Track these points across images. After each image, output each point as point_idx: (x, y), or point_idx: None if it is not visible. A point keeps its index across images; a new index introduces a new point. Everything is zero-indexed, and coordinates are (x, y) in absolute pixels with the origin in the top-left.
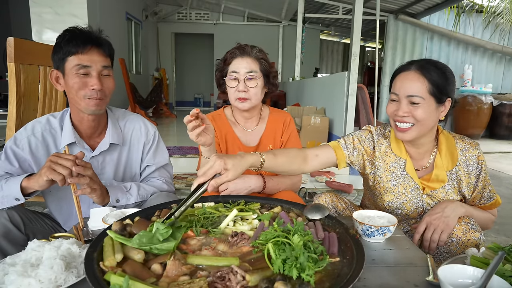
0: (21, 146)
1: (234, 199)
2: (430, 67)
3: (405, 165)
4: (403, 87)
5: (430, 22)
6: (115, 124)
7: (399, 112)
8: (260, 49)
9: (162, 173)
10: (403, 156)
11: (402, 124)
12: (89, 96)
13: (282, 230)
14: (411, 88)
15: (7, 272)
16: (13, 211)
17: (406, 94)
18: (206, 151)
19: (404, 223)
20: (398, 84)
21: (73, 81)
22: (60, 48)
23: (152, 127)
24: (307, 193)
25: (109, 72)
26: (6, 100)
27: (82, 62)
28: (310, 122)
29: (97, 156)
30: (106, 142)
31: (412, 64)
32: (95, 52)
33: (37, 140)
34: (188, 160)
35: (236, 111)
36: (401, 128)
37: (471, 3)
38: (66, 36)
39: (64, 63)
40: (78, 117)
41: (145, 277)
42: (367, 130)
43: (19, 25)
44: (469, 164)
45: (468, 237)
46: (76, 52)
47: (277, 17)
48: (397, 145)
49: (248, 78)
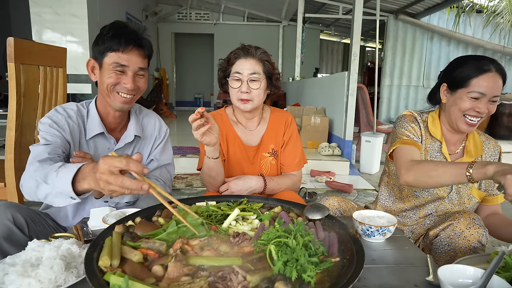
0: (61, 126)
1: (236, 198)
2: (502, 69)
3: (441, 147)
4: (491, 88)
5: (430, 22)
6: (136, 117)
7: (482, 109)
8: (264, 51)
9: (163, 173)
10: (439, 138)
11: (476, 119)
12: (119, 91)
13: (283, 230)
14: (497, 89)
15: (7, 272)
16: (17, 212)
17: (494, 95)
18: (211, 151)
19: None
20: (486, 85)
21: (109, 75)
22: (103, 42)
23: (164, 125)
24: (307, 193)
25: (144, 73)
26: (6, 100)
27: (120, 61)
28: (310, 122)
29: (120, 148)
30: (131, 135)
31: (492, 64)
32: (135, 53)
33: (74, 124)
34: (188, 160)
35: (237, 111)
36: (472, 123)
37: (471, 3)
38: (111, 31)
39: (103, 57)
40: (105, 110)
41: (145, 277)
42: (409, 115)
43: (19, 25)
44: (492, 154)
45: (471, 232)
46: (117, 49)
47: (277, 17)
48: (435, 128)
49: (251, 80)
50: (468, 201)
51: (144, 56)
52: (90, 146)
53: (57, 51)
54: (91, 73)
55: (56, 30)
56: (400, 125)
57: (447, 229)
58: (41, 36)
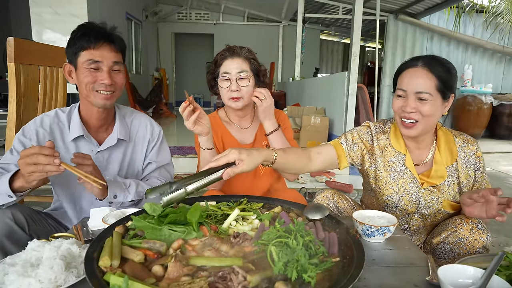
0: (29, 136)
1: (235, 198)
2: (437, 63)
3: (405, 160)
4: (411, 83)
5: (430, 22)
6: (122, 121)
7: (407, 108)
8: (248, 49)
9: (162, 173)
10: (402, 151)
11: (408, 120)
12: (98, 89)
13: (283, 230)
14: (419, 84)
15: (7, 272)
16: (17, 211)
17: (415, 91)
18: (204, 141)
19: (403, 220)
20: (406, 80)
21: (84, 75)
22: (74, 43)
23: (157, 126)
24: (307, 193)
25: (120, 68)
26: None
27: (93, 57)
28: (310, 122)
29: (103, 151)
30: (114, 137)
31: (419, 60)
32: (107, 48)
33: (45, 132)
34: (188, 160)
35: (230, 111)
36: (407, 124)
37: (471, 3)
38: (80, 32)
39: (77, 58)
40: (87, 110)
41: (145, 277)
42: (366, 126)
43: (19, 25)
44: (468, 160)
45: (475, 237)
46: (88, 47)
47: (277, 17)
48: (397, 140)
49: (239, 78)
50: (439, 215)
51: (116, 50)
52: (71, 149)
53: (57, 51)
54: (68, 77)
55: (56, 30)
56: (348, 130)
57: (450, 236)
58: (41, 36)
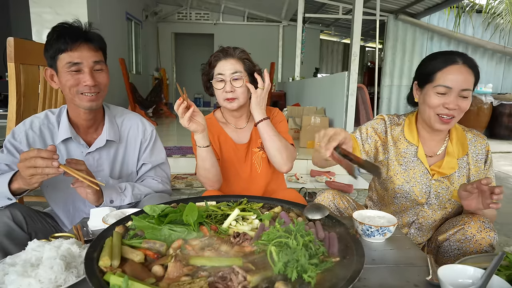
0: (19, 139)
1: (235, 198)
2: (471, 61)
3: (417, 151)
4: (457, 80)
5: (430, 22)
6: (112, 121)
7: (450, 105)
8: (242, 50)
9: (158, 172)
10: (415, 142)
11: (447, 116)
12: (82, 91)
13: (283, 230)
14: (465, 82)
15: (7, 272)
16: (16, 210)
17: (461, 88)
18: (200, 139)
19: (411, 211)
20: (451, 77)
21: (66, 78)
22: (50, 46)
23: (149, 126)
24: (307, 193)
25: (102, 67)
26: (6, 100)
27: (72, 59)
28: (310, 122)
29: (93, 152)
30: (102, 139)
31: (457, 57)
32: (85, 48)
33: (34, 134)
34: (188, 160)
35: (226, 112)
36: (446, 120)
37: (471, 3)
38: (55, 34)
39: (56, 61)
40: (74, 112)
41: (145, 277)
42: (380, 118)
43: (19, 25)
44: (478, 154)
45: (482, 235)
46: (65, 49)
47: (277, 17)
48: (410, 132)
49: (234, 79)
50: (450, 206)
51: (95, 49)
52: (61, 151)
53: None
54: (51, 82)
55: None
56: (362, 125)
57: (457, 234)
58: (41, 36)
